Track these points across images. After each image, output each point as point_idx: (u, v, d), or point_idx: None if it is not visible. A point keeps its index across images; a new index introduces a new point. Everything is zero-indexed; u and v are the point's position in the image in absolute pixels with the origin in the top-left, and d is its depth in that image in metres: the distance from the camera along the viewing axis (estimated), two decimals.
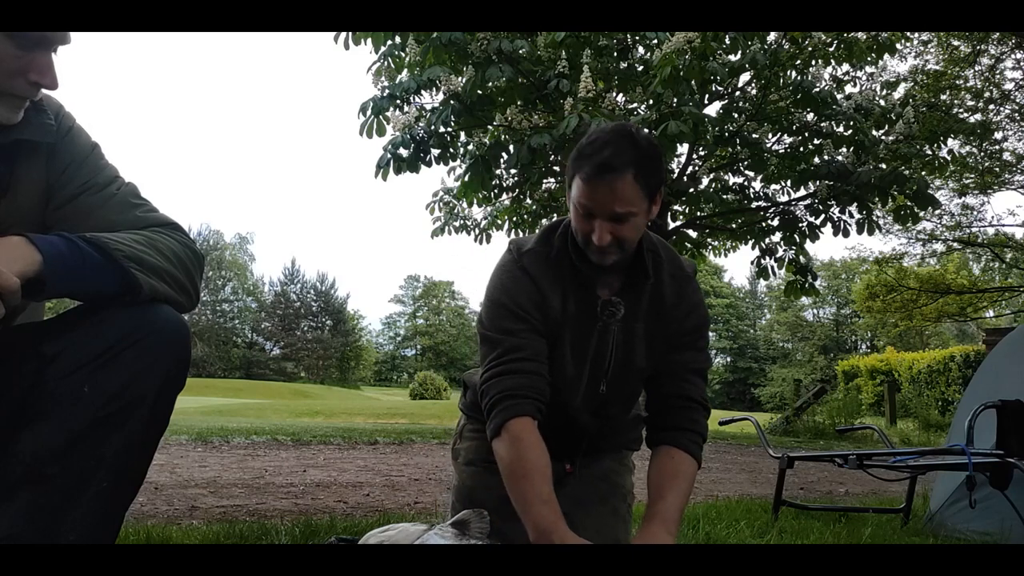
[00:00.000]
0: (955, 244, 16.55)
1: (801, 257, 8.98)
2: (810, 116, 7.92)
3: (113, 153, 1.31)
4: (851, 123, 7.46)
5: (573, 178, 1.45)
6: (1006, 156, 14.26)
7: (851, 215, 8.23)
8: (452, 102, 6.58)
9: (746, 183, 9.48)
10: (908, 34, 10.90)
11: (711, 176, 9.50)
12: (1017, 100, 13.08)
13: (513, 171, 8.21)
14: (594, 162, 1.40)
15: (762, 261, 9.28)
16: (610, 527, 1.69)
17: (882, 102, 7.91)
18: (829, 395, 12.08)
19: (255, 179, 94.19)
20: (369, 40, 6.75)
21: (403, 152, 6.89)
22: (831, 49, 7.30)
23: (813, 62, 7.47)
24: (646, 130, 1.48)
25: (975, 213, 15.62)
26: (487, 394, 1.48)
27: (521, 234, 9.50)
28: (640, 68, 7.53)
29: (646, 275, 1.56)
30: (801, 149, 8.26)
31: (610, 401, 1.66)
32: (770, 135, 8.40)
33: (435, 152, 7.08)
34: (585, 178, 1.41)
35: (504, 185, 8.74)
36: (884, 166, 7.71)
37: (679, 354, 1.62)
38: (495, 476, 1.70)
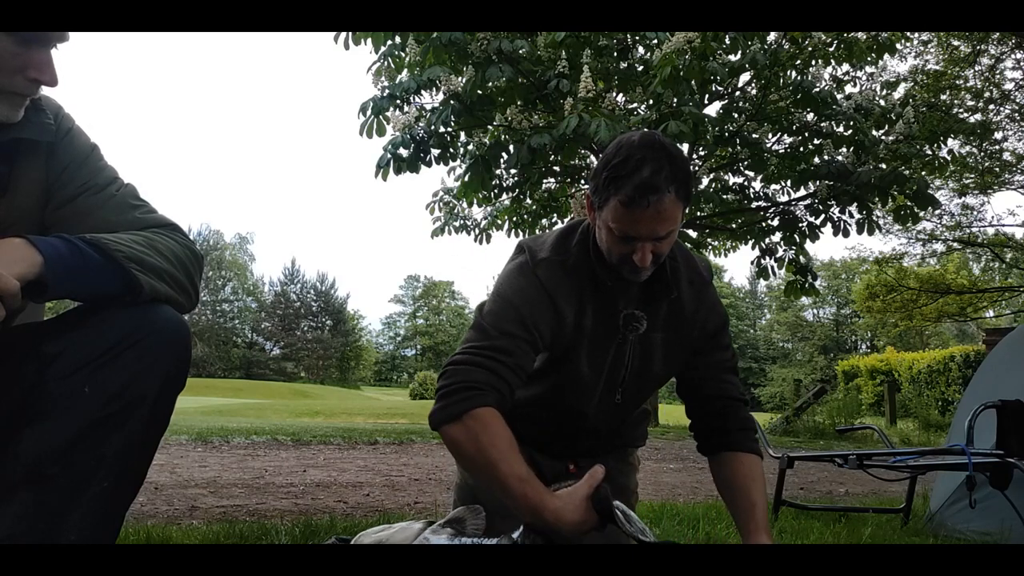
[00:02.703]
0: (955, 244, 16.56)
1: (801, 257, 8.98)
2: (810, 116, 7.92)
3: (113, 153, 1.32)
4: (851, 123, 7.47)
5: (606, 200, 1.37)
6: (1006, 156, 14.27)
7: (851, 215, 8.23)
8: (452, 102, 6.57)
9: (746, 183, 9.49)
10: (908, 34, 10.91)
11: (711, 176, 9.51)
12: (1017, 100, 13.09)
13: (513, 171, 8.21)
14: (634, 183, 1.31)
15: (762, 261, 9.28)
16: (612, 529, 1.69)
17: (882, 102, 7.91)
18: (829, 395, 12.07)
19: (255, 179, 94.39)
20: (369, 40, 6.75)
21: (403, 152, 6.89)
22: (831, 49, 7.30)
23: (813, 62, 7.47)
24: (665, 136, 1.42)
25: (975, 213, 15.65)
26: (449, 376, 1.38)
27: (521, 234, 9.50)
28: (640, 68, 7.54)
29: (669, 290, 1.52)
30: (801, 149, 8.26)
31: (625, 408, 1.66)
32: (770, 135, 8.40)
33: (435, 152, 7.08)
34: (626, 202, 1.33)
35: (504, 185, 8.74)
36: (884, 166, 7.71)
37: (709, 356, 1.62)
38: None
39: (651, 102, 6.78)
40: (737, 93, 8.38)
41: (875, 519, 2.94)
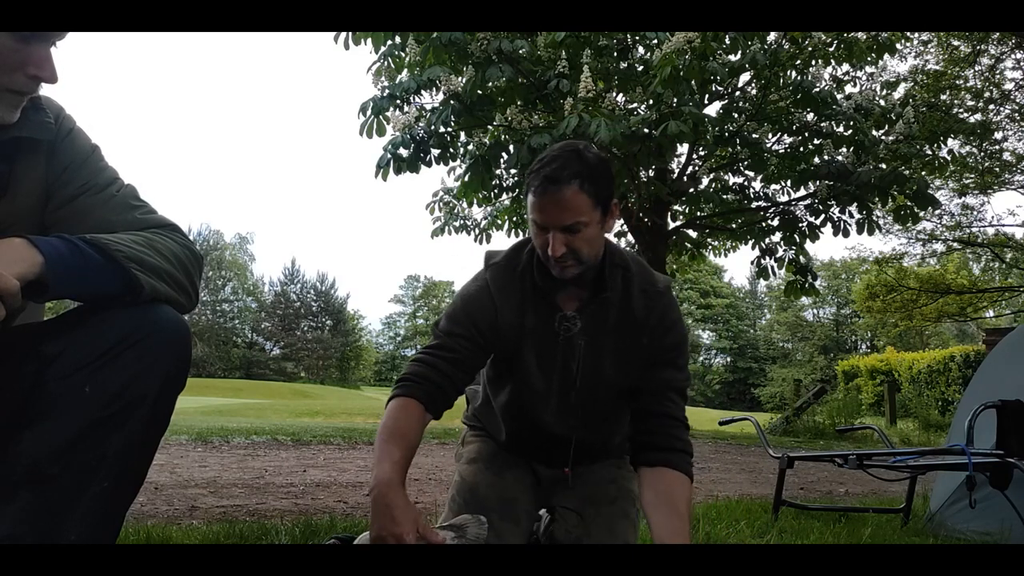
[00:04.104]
0: (955, 244, 16.55)
1: (801, 257, 8.99)
2: (810, 116, 7.92)
3: (113, 153, 1.32)
4: (851, 123, 7.46)
5: (527, 194, 1.52)
6: (1006, 156, 14.27)
7: (851, 215, 8.23)
8: (452, 102, 6.57)
9: (746, 183, 9.49)
10: (908, 34, 10.90)
11: (711, 176, 9.51)
12: (1017, 100, 13.09)
13: (513, 171, 8.21)
14: (541, 175, 1.47)
15: (762, 261, 9.28)
16: (621, 528, 1.70)
17: (882, 102, 7.91)
18: (829, 395, 12.07)
19: (255, 179, 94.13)
20: (369, 40, 6.75)
21: (403, 152, 6.89)
22: (831, 49, 7.30)
23: (813, 62, 7.47)
24: (596, 149, 1.57)
25: (975, 213, 15.65)
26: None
27: (521, 234, 9.51)
28: (640, 68, 7.53)
29: (604, 289, 1.58)
30: (801, 149, 8.26)
31: (583, 413, 1.66)
32: (770, 135, 8.40)
33: (435, 152, 7.08)
34: (534, 191, 1.48)
35: (504, 185, 8.74)
36: (884, 166, 7.71)
37: (659, 372, 1.61)
38: (496, 475, 1.71)
39: (651, 102, 6.77)
40: (737, 93, 8.37)
41: (875, 519, 2.94)
